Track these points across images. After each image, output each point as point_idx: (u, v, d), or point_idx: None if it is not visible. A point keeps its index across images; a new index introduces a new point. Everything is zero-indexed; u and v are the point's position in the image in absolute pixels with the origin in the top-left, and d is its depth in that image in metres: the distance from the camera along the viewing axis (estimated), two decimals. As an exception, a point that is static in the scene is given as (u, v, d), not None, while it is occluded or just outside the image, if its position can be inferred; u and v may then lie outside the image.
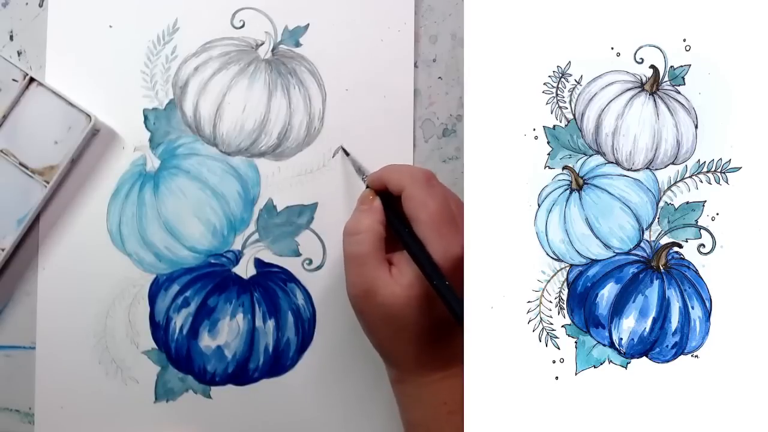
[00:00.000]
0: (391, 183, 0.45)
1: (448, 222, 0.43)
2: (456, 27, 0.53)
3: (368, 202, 0.46)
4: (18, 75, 0.50)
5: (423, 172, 0.45)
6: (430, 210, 0.43)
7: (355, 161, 0.51)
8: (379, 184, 0.46)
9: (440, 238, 0.43)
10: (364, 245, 0.44)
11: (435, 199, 0.44)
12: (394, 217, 0.45)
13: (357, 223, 0.45)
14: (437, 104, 0.53)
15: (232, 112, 0.52)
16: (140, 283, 0.52)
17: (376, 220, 0.45)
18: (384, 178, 0.46)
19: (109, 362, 0.52)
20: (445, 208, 0.44)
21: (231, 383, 0.52)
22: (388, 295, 0.42)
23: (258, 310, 0.52)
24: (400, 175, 0.45)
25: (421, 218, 0.43)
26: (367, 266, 0.43)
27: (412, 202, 0.44)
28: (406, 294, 0.42)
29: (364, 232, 0.44)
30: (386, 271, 0.43)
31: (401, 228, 0.44)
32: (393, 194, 0.45)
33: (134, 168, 0.52)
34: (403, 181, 0.44)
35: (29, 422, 0.51)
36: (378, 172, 0.47)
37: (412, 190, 0.44)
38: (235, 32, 0.52)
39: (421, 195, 0.44)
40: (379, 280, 0.43)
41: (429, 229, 0.43)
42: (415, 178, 0.44)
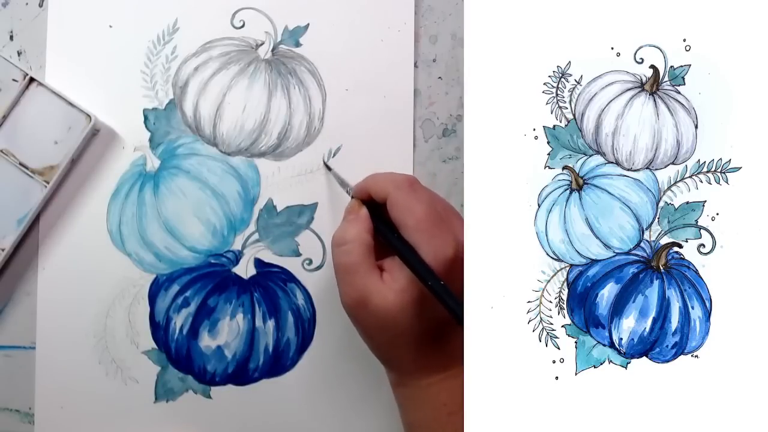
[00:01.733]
0: (375, 191, 0.45)
1: (436, 224, 0.43)
2: (456, 27, 0.53)
3: (354, 212, 0.46)
4: (18, 75, 0.50)
5: (405, 178, 0.45)
6: (417, 214, 0.43)
7: (337, 175, 0.51)
8: (363, 194, 0.46)
9: (430, 241, 0.43)
10: (352, 254, 0.44)
11: (420, 203, 0.44)
12: (382, 225, 0.45)
13: (344, 232, 0.45)
14: (437, 104, 0.53)
15: (232, 112, 0.52)
16: (140, 283, 0.52)
17: (362, 228, 0.45)
18: (368, 187, 0.46)
19: (109, 362, 0.52)
20: (432, 211, 0.44)
21: (231, 383, 0.52)
22: (381, 301, 0.42)
23: (258, 310, 0.52)
24: (383, 183, 0.45)
25: (409, 223, 0.43)
26: (358, 275, 0.43)
27: (398, 208, 0.44)
28: (399, 299, 0.42)
29: (351, 241, 0.44)
30: (377, 278, 0.43)
31: (390, 235, 0.44)
32: (378, 202, 0.45)
33: (134, 168, 0.52)
34: (387, 189, 0.44)
35: (29, 422, 0.51)
36: (361, 182, 0.47)
37: (397, 196, 0.44)
38: (235, 32, 0.52)
39: (405, 200, 0.44)
40: (371, 287, 0.43)
41: (417, 233, 0.43)
42: (397, 184, 0.45)
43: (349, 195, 0.48)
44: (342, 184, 0.50)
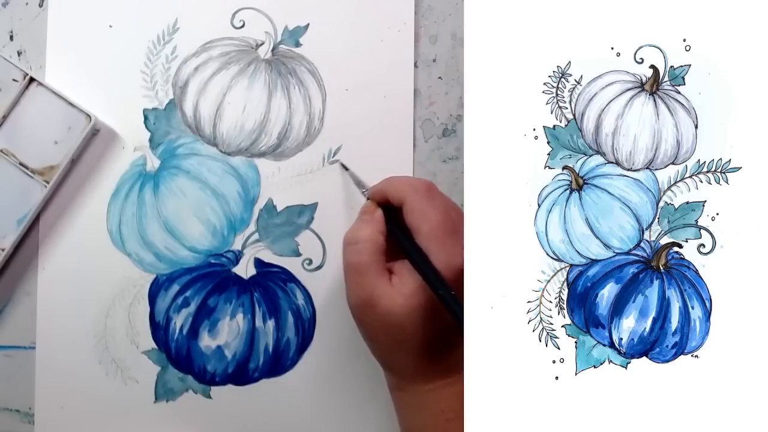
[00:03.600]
0: (392, 195, 0.45)
1: (450, 233, 0.43)
2: (456, 27, 0.53)
3: (370, 212, 0.46)
4: (18, 75, 0.50)
5: (423, 183, 0.45)
6: (432, 221, 0.43)
7: (354, 175, 0.51)
8: (380, 197, 0.46)
9: (443, 249, 0.42)
10: (363, 254, 0.43)
11: (436, 210, 0.43)
12: (396, 229, 0.45)
13: (357, 232, 0.45)
14: (437, 104, 0.53)
15: (232, 112, 0.52)
16: (140, 283, 0.52)
17: (376, 230, 0.45)
18: (385, 190, 0.46)
19: (109, 362, 0.52)
20: (447, 219, 0.43)
21: (231, 383, 0.52)
22: (388, 304, 0.42)
23: (258, 310, 0.52)
24: (400, 187, 0.45)
25: (423, 230, 0.43)
26: (367, 276, 0.43)
27: (414, 213, 0.44)
28: (407, 303, 0.42)
29: (364, 241, 0.44)
30: (386, 280, 0.43)
31: (403, 239, 0.44)
32: (394, 206, 0.45)
33: (134, 168, 0.52)
34: (404, 193, 0.44)
35: (29, 422, 0.51)
36: (379, 184, 0.47)
37: (413, 201, 0.44)
38: (235, 32, 0.52)
39: (422, 206, 0.44)
40: (379, 290, 0.43)
41: (431, 240, 0.43)
42: (415, 189, 0.44)
43: (365, 196, 0.48)
44: (359, 185, 0.50)
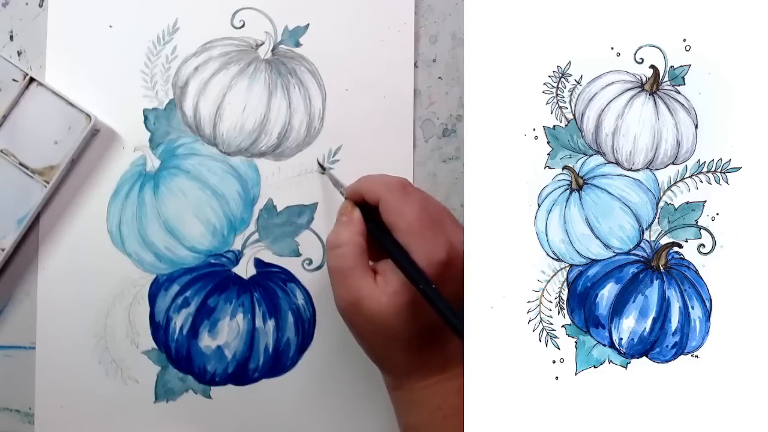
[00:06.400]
0: (367, 194, 0.45)
1: (428, 227, 0.43)
2: (456, 27, 0.53)
3: (348, 214, 0.46)
4: (18, 75, 0.50)
5: (397, 180, 0.45)
6: (408, 218, 0.43)
7: (332, 176, 0.51)
8: (356, 196, 0.46)
9: (422, 244, 0.42)
10: (346, 258, 0.43)
11: (412, 206, 0.43)
12: (375, 227, 0.45)
13: (338, 235, 0.45)
14: (437, 104, 0.53)
15: (232, 112, 0.52)
16: (140, 283, 0.52)
17: (356, 231, 0.45)
18: (360, 189, 0.46)
19: (109, 362, 0.52)
20: (424, 213, 0.43)
21: (231, 383, 0.52)
22: (374, 304, 0.42)
23: (258, 310, 0.52)
24: (375, 186, 0.45)
25: (401, 226, 0.43)
26: (352, 278, 0.43)
27: (390, 211, 0.44)
28: (392, 302, 0.42)
29: (345, 244, 0.44)
30: (371, 281, 0.43)
31: (383, 237, 0.44)
32: (371, 205, 0.45)
33: (134, 168, 0.52)
34: (379, 192, 0.44)
35: (29, 422, 0.51)
36: (354, 183, 0.47)
37: (389, 199, 0.44)
38: (235, 32, 0.52)
39: (397, 203, 0.44)
40: (364, 291, 0.43)
41: (409, 236, 0.43)
42: (389, 186, 0.44)
43: (343, 196, 0.48)
44: (336, 185, 0.50)
